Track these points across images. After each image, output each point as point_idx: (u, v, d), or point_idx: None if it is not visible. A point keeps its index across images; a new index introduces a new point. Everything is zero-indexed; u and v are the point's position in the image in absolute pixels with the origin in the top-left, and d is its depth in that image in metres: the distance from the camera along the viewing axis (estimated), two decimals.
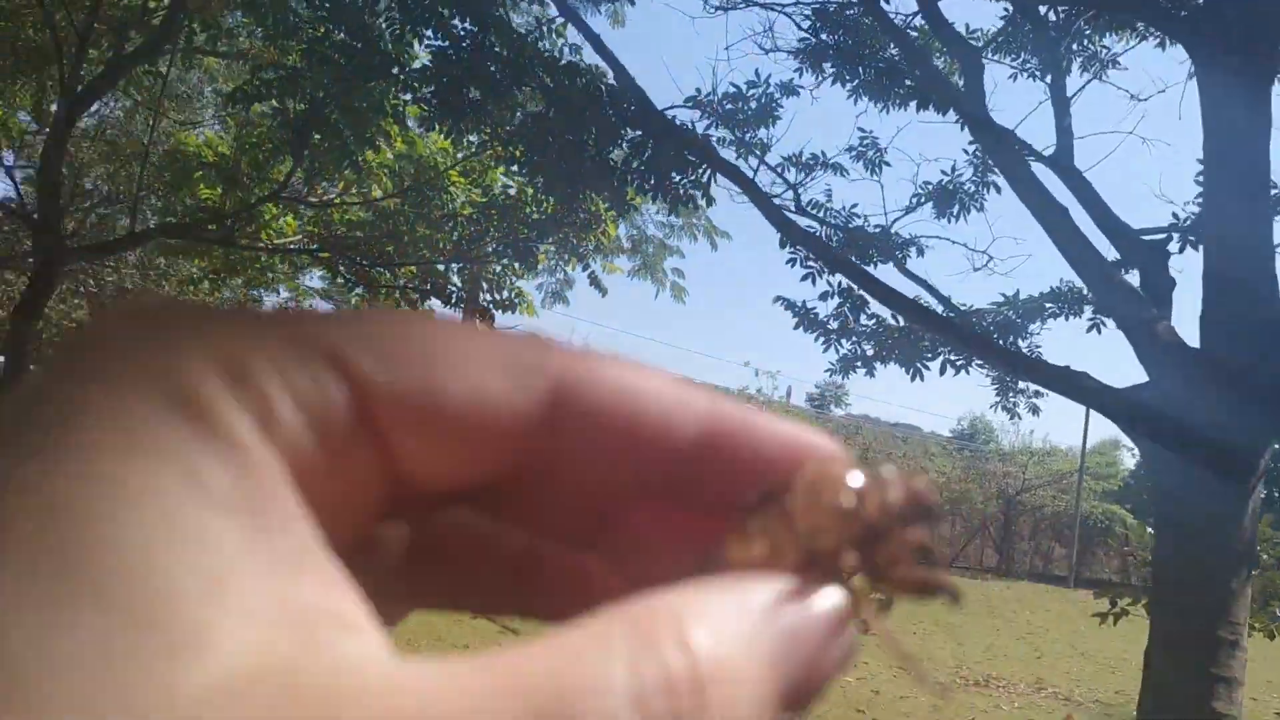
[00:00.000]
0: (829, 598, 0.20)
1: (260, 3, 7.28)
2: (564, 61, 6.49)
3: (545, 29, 6.81)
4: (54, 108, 8.13)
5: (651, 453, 0.22)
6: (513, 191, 7.70)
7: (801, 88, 7.00)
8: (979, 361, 6.30)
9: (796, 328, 6.75)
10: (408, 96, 6.92)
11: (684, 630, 0.17)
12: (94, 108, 7.92)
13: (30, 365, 5.95)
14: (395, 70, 6.69)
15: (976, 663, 9.75)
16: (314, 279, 13.70)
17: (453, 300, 8.54)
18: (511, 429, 0.20)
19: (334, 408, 0.19)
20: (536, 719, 0.15)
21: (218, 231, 7.00)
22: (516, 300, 8.33)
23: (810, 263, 6.47)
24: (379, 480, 0.20)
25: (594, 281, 9.02)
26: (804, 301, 6.77)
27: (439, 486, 0.21)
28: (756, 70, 6.90)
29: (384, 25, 6.71)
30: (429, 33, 6.49)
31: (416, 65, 6.72)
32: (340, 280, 8.58)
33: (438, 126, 6.38)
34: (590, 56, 6.69)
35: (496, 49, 6.21)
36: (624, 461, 0.22)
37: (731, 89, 6.78)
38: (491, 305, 8.24)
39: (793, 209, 6.51)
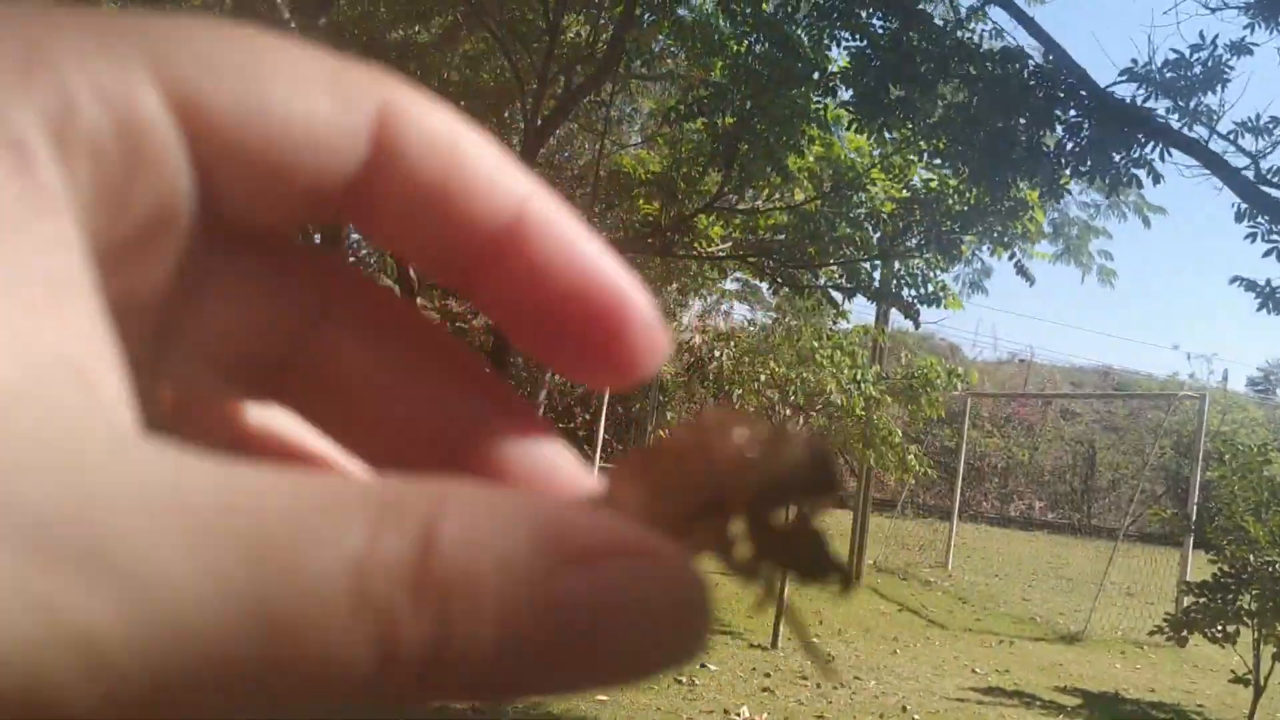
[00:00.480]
0: (668, 556, 0.16)
1: (687, 26, 7.76)
2: (986, 48, 6.38)
3: (966, 16, 6.72)
4: (515, 142, 9.10)
5: (462, 222, 0.20)
6: (934, 184, 7.64)
7: (1255, 45, 6.41)
8: None
9: (1260, 309, 6.19)
10: (828, 100, 7.09)
11: (437, 518, 0.15)
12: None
13: (509, 370, 6.68)
14: (815, 75, 6.90)
15: None
16: (728, 282, 14.28)
17: (876, 296, 8.60)
18: (334, 154, 0.19)
19: (145, 115, 0.16)
20: (256, 545, 0.13)
21: (657, 243, 7.54)
22: (940, 294, 8.24)
23: (1275, 236, 5.92)
24: (187, 211, 0.18)
25: (1020, 270, 8.72)
26: (1268, 281, 6.19)
27: (253, 219, 0.19)
28: (1201, 32, 6.38)
29: (801, 34, 6.93)
30: (846, 35, 6.63)
31: (835, 69, 6.87)
32: (766, 282, 8.92)
33: (864, 129, 6.49)
34: (1011, 39, 6.53)
35: (917, 43, 6.23)
36: (436, 224, 0.20)
37: (1172, 55, 6.33)
38: (915, 300, 8.20)
39: (1252, 178, 5.98)
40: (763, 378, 11.85)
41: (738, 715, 6.77)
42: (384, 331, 0.22)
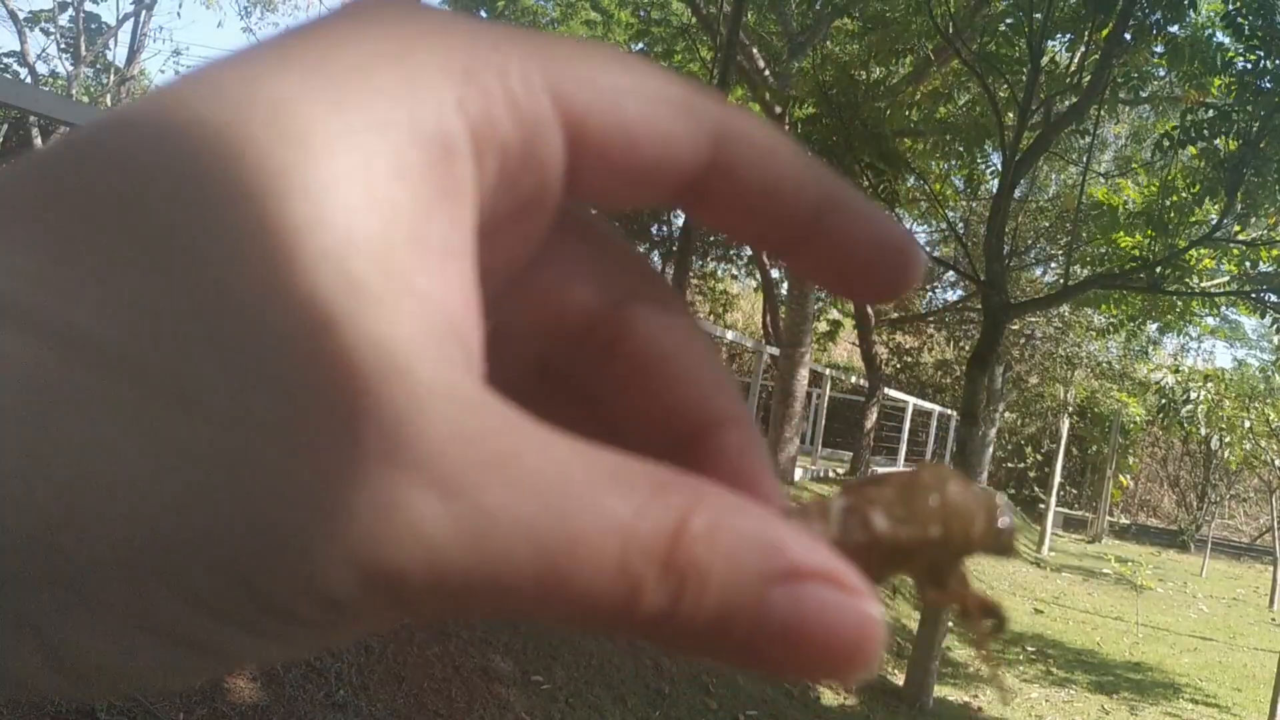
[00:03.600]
0: (857, 589, 0.19)
1: (1181, 45, 7.22)
2: None
3: None
4: (991, 175, 8.92)
5: (777, 214, 0.24)
6: None
7: None
8: None
9: None
10: None
11: (692, 511, 0.18)
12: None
13: (980, 413, 6.55)
14: None
15: None
16: (1206, 318, 13.01)
17: None
18: (679, 164, 0.22)
19: (543, 124, 0.20)
20: (556, 498, 0.17)
21: (1146, 279, 7.04)
22: None
23: None
24: (557, 195, 0.22)
25: None
26: None
27: (606, 203, 0.24)
28: None
29: None
30: None
31: None
32: (1268, 318, 8.04)
33: None
34: None
35: None
36: (756, 213, 0.24)
37: None
38: None
39: None
40: (1248, 423, 10.72)
41: None
42: (664, 324, 0.26)
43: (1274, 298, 7.68)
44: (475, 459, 0.17)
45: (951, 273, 16.40)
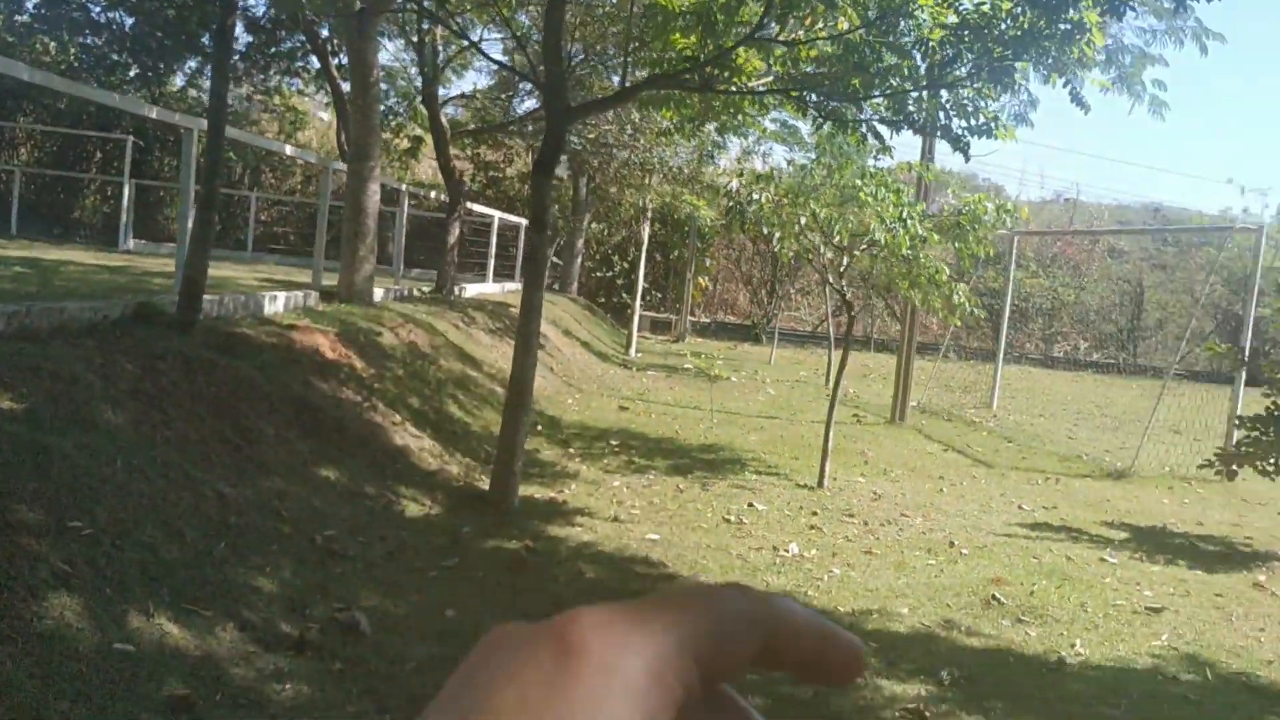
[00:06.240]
0: None
1: None
2: None
3: None
4: None
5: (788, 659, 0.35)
6: (986, 8, 7.22)
7: None
8: None
9: None
10: None
11: None
12: None
13: (549, 219, 6.53)
14: None
15: None
16: (766, 123, 13.84)
17: (922, 130, 8.27)
18: (750, 655, 0.33)
19: (693, 681, 0.31)
20: None
21: (696, 79, 7.24)
22: (991, 125, 7.88)
23: None
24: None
25: (1075, 99, 8.29)
26: None
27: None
28: None
29: None
30: None
31: None
32: (808, 118, 8.61)
33: None
34: None
35: None
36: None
37: None
38: (965, 131, 7.87)
39: None
40: (803, 219, 11.66)
41: (786, 551, 6.85)
42: None
43: (814, 97, 8.20)
44: None
45: (529, 84, 16.26)
